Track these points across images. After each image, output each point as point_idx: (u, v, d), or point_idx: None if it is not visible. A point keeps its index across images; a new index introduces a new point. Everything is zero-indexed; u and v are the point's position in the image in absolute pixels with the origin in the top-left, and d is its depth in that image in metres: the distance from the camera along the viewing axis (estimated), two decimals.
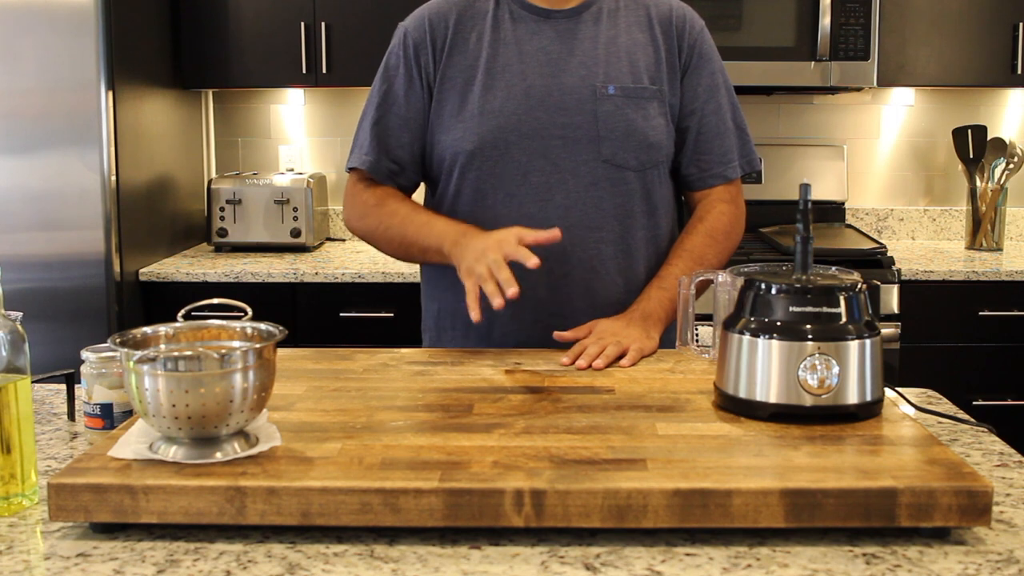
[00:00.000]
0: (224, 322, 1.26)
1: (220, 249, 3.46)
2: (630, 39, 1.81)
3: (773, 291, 1.29)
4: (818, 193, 3.57)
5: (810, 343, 1.26)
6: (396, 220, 1.80)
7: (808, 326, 1.27)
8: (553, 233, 1.62)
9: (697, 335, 1.64)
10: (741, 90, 1.99)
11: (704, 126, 1.84)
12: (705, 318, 1.66)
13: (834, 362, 1.25)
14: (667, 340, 1.75)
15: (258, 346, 1.16)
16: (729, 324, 1.33)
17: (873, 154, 3.71)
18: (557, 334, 1.69)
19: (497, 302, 1.55)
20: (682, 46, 1.83)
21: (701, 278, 1.62)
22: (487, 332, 1.80)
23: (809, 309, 1.27)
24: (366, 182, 1.86)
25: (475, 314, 1.58)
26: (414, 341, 1.99)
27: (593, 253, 1.79)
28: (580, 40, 1.80)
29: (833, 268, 1.37)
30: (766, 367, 1.28)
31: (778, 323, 1.28)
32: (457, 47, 1.80)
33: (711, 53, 1.86)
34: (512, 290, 1.54)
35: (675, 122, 1.84)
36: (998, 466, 1.28)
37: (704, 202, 1.87)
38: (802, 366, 1.26)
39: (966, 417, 1.46)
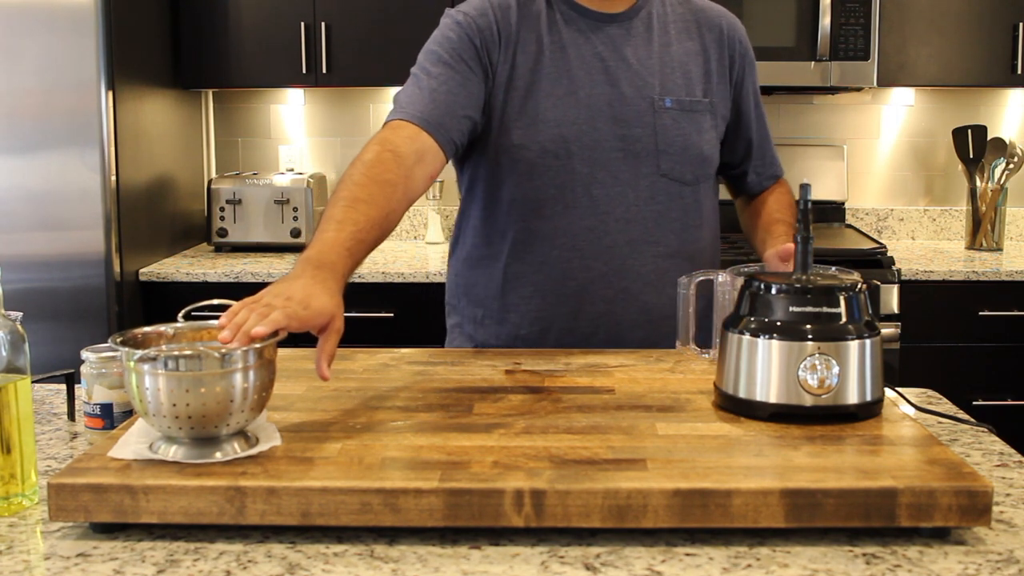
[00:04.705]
0: None
1: (220, 249, 3.46)
2: (681, 48, 1.79)
3: (773, 291, 1.29)
4: (818, 193, 3.57)
5: (810, 343, 1.26)
6: (337, 193, 1.49)
7: (808, 326, 1.27)
8: (322, 374, 1.27)
9: None
10: None
11: (758, 133, 1.89)
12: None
13: (834, 362, 1.25)
14: (667, 340, 1.75)
15: (258, 346, 1.16)
16: (729, 324, 1.33)
17: (873, 154, 3.71)
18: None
19: (223, 336, 1.16)
20: (734, 56, 1.82)
21: (701, 278, 1.61)
22: (539, 343, 1.77)
23: (809, 309, 1.27)
24: (403, 135, 1.60)
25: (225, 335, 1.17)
26: (414, 341, 1.99)
27: (652, 267, 1.77)
28: (635, 48, 1.76)
29: (833, 268, 1.37)
30: (766, 367, 1.28)
31: (778, 323, 1.28)
32: (520, 46, 1.72)
33: (754, 60, 1.88)
34: (235, 344, 1.15)
35: (725, 131, 1.84)
36: (998, 466, 1.28)
37: (762, 195, 1.93)
38: (802, 366, 1.26)
39: (966, 417, 1.46)
